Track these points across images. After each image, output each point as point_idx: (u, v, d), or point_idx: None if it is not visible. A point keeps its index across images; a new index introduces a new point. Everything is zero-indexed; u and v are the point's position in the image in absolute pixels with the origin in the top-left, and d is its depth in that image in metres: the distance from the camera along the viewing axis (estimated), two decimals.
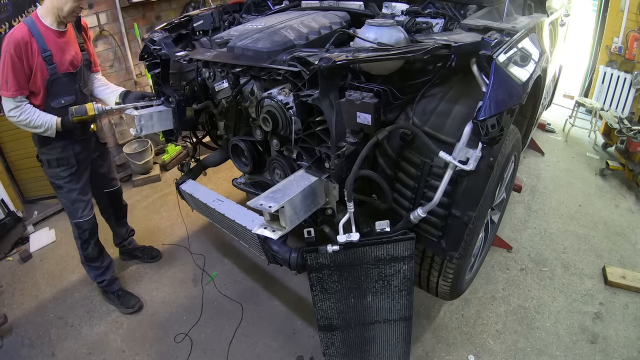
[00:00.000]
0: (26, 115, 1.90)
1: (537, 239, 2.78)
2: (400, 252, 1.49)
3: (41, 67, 1.87)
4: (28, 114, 1.90)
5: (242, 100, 1.90)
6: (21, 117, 1.89)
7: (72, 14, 1.90)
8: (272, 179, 1.98)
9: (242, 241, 1.93)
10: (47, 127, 1.95)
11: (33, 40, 1.82)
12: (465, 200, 1.43)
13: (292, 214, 1.48)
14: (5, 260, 2.82)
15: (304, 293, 2.41)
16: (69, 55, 1.97)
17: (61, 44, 1.93)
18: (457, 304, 2.30)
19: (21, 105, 1.89)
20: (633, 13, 3.73)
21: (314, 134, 1.57)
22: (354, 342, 1.72)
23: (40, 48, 1.84)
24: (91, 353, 2.15)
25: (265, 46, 1.74)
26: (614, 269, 2.46)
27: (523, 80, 1.51)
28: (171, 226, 3.06)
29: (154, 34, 2.22)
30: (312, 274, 1.53)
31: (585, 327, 2.15)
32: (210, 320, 2.29)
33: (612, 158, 3.60)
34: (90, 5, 3.11)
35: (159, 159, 3.83)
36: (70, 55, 1.98)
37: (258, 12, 2.63)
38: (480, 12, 1.91)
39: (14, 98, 1.86)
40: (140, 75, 3.60)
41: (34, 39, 1.82)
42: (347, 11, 2.20)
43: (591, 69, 4.44)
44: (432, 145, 1.40)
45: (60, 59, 1.92)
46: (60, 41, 1.93)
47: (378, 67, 1.58)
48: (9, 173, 3.13)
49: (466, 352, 2.05)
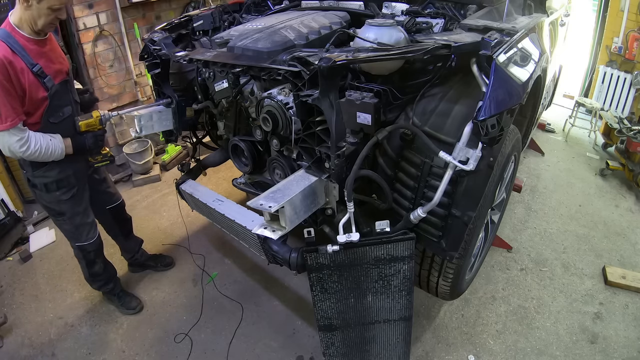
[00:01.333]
0: (35, 145, 1.66)
1: (537, 239, 2.78)
2: (400, 252, 1.49)
3: (35, 84, 1.64)
4: (37, 142, 1.67)
5: (242, 100, 1.90)
6: (31, 147, 1.65)
7: (49, 26, 1.66)
8: (272, 179, 1.98)
9: (242, 241, 1.93)
10: (60, 152, 1.75)
11: (16, 57, 1.57)
12: (465, 200, 1.43)
13: (292, 214, 1.48)
14: (5, 260, 2.82)
15: (304, 293, 2.41)
16: (57, 63, 1.77)
17: (46, 52, 1.71)
18: (457, 304, 2.30)
19: (24, 135, 1.64)
20: (633, 13, 3.72)
21: (314, 134, 1.57)
22: (354, 342, 1.72)
23: (27, 64, 1.60)
24: (91, 353, 2.15)
25: (265, 46, 1.74)
26: (614, 269, 2.46)
27: (523, 80, 1.51)
28: (171, 226, 3.06)
29: (154, 34, 2.22)
30: (312, 274, 1.53)
31: (585, 327, 2.15)
32: (210, 320, 2.29)
33: (612, 158, 3.60)
34: (90, 5, 3.11)
35: (159, 159, 3.83)
36: (59, 63, 1.78)
37: (258, 12, 2.63)
38: (480, 12, 1.91)
39: (14, 128, 1.60)
40: (140, 75, 3.60)
41: (17, 55, 1.57)
42: (347, 11, 2.20)
43: (591, 69, 4.44)
44: (432, 145, 1.40)
45: (51, 70, 1.71)
46: (45, 50, 1.71)
47: (378, 67, 1.58)
48: (9, 173, 3.13)
49: (466, 352, 2.05)
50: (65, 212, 1.95)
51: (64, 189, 1.89)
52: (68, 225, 2.00)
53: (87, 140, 1.86)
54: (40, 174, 1.82)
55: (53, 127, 1.77)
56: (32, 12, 1.57)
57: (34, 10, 1.56)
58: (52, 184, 1.85)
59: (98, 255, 2.18)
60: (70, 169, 1.88)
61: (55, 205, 1.92)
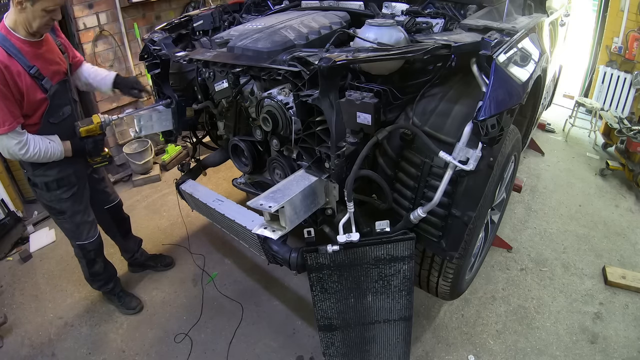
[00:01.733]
0: (34, 147, 1.68)
1: (537, 239, 2.78)
2: (400, 252, 1.49)
3: (32, 87, 1.64)
4: (35, 145, 1.68)
5: (242, 100, 1.90)
6: (30, 150, 1.67)
7: (45, 28, 1.64)
8: (272, 179, 1.98)
9: (242, 241, 1.93)
10: (59, 154, 1.76)
11: (13, 60, 1.56)
12: (465, 200, 1.43)
13: (292, 214, 1.48)
14: (5, 260, 2.82)
15: (304, 293, 2.41)
16: (55, 63, 1.76)
17: (43, 53, 1.70)
18: (457, 304, 2.30)
19: (23, 138, 1.65)
20: (633, 13, 3.72)
21: (314, 134, 1.57)
22: (354, 342, 1.72)
23: (24, 66, 1.59)
24: (91, 353, 2.15)
25: (265, 46, 1.74)
26: (614, 269, 2.46)
27: (523, 80, 1.51)
28: (171, 226, 3.06)
29: (154, 35, 2.22)
30: (312, 274, 1.53)
31: (585, 327, 2.15)
32: (210, 320, 2.29)
33: (612, 158, 3.60)
34: (90, 5, 3.11)
35: (159, 159, 3.83)
36: (56, 63, 1.77)
37: (258, 12, 2.63)
38: (480, 12, 1.91)
39: (12, 132, 1.61)
40: (140, 75, 3.59)
41: (13, 58, 1.56)
42: (347, 11, 2.20)
43: (591, 69, 4.44)
44: (432, 145, 1.40)
45: (48, 71, 1.71)
46: (42, 51, 1.69)
47: (378, 67, 1.58)
48: (9, 173, 3.13)
49: (466, 352, 2.05)
50: (65, 211, 1.95)
51: (65, 187, 1.89)
52: (68, 224, 2.01)
53: (87, 145, 1.87)
54: (40, 173, 1.83)
55: (53, 127, 1.77)
56: (26, 14, 1.55)
57: (28, 13, 1.54)
58: (52, 182, 1.85)
59: (98, 255, 2.18)
60: (71, 168, 1.89)
61: (55, 204, 1.92)
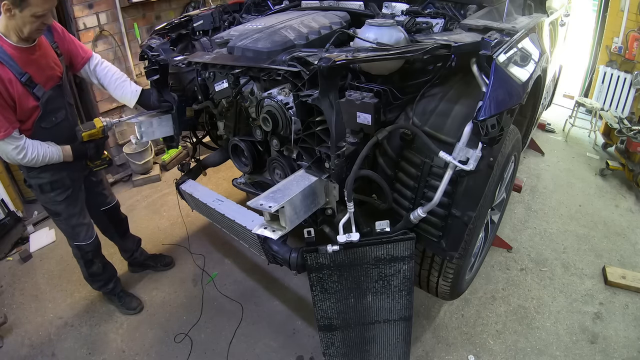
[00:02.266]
0: (32, 152, 1.68)
1: (537, 239, 2.78)
2: (400, 252, 1.49)
3: (24, 94, 1.62)
4: (34, 149, 1.69)
5: (242, 100, 1.90)
6: (28, 155, 1.67)
7: (36, 33, 1.60)
8: (272, 179, 1.98)
9: (242, 241, 1.93)
10: (58, 159, 1.76)
11: (4, 67, 1.55)
12: (465, 200, 1.43)
13: (292, 214, 1.48)
14: (5, 260, 2.82)
15: (304, 293, 2.41)
16: (49, 69, 1.73)
17: (36, 59, 1.66)
18: (457, 304, 2.30)
19: (20, 143, 1.65)
20: (633, 13, 3.72)
21: (314, 134, 1.57)
22: (354, 342, 1.72)
23: (15, 73, 1.58)
24: (91, 353, 2.15)
25: (265, 46, 1.74)
26: (614, 269, 2.46)
27: (523, 80, 1.51)
28: (171, 226, 3.06)
29: (152, 41, 2.20)
30: (312, 274, 1.53)
31: (585, 327, 2.15)
32: (210, 320, 2.29)
33: (612, 158, 3.60)
34: (90, 5, 3.11)
35: (159, 159, 3.83)
36: (50, 69, 1.73)
37: (258, 12, 2.63)
38: (480, 12, 1.91)
39: (8, 137, 1.61)
40: (140, 75, 3.59)
41: (4, 66, 1.55)
42: (347, 11, 2.20)
43: (591, 69, 4.44)
44: (432, 145, 1.40)
45: (41, 77, 1.68)
46: (35, 57, 1.66)
47: (378, 67, 1.58)
48: (9, 173, 3.13)
49: (466, 352, 2.05)
50: (61, 213, 1.96)
51: (58, 190, 1.89)
52: (64, 226, 2.02)
53: (89, 150, 1.88)
54: (34, 175, 1.83)
55: (44, 132, 1.76)
56: (16, 21, 1.53)
57: (18, 19, 1.52)
58: (46, 185, 1.86)
59: (96, 256, 2.18)
60: (64, 171, 1.88)
61: (50, 205, 1.93)
